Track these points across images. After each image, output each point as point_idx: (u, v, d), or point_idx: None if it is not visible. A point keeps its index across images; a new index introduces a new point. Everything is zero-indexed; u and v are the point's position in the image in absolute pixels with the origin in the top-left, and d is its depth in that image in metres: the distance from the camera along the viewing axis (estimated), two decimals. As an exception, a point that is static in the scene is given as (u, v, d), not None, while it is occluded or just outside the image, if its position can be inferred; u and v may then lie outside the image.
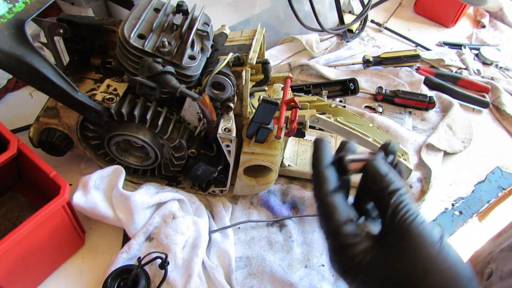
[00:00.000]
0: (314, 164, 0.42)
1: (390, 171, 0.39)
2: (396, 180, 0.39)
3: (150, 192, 0.66)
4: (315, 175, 0.41)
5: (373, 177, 0.39)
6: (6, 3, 0.47)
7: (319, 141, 0.43)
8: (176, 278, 0.60)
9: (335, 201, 0.39)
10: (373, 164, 0.40)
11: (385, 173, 0.39)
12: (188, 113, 0.62)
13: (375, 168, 0.40)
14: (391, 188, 0.38)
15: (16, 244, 0.49)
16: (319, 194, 0.40)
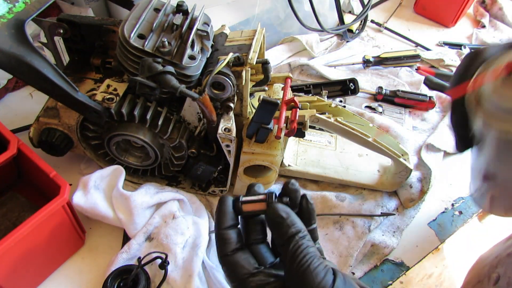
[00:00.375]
0: (215, 225, 0.43)
1: (289, 214, 0.40)
2: (295, 223, 0.40)
3: (150, 192, 0.66)
4: (216, 237, 0.43)
5: (273, 221, 0.41)
6: (6, 3, 0.47)
7: (221, 200, 0.44)
8: (176, 278, 0.60)
9: (235, 260, 0.41)
10: (272, 207, 0.41)
11: (285, 216, 0.40)
12: (188, 113, 0.62)
13: (274, 212, 0.41)
14: (289, 233, 0.39)
15: (16, 244, 0.49)
16: (220, 255, 0.42)
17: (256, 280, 0.40)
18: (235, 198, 0.43)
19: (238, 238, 0.42)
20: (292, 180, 0.44)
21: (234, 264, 0.41)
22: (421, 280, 0.66)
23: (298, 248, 0.38)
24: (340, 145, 0.81)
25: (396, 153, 0.69)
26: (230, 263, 0.41)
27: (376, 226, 0.71)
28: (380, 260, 0.69)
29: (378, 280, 0.67)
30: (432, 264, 0.67)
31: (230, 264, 0.41)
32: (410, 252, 0.70)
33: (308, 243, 0.39)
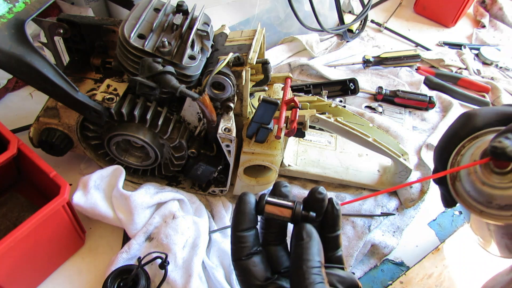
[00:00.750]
0: (232, 226, 0.41)
1: (311, 239, 0.38)
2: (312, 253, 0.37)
3: (150, 192, 0.66)
4: (232, 238, 0.41)
5: (296, 243, 0.38)
6: (6, 3, 0.47)
7: (241, 199, 0.40)
8: (176, 278, 0.60)
9: (249, 266, 0.39)
10: (298, 227, 0.39)
11: (305, 241, 0.38)
12: (188, 113, 0.62)
13: (298, 231, 0.39)
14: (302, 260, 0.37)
15: (16, 244, 0.49)
16: (234, 257, 0.40)
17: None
18: (260, 196, 0.40)
19: (254, 242, 0.40)
20: (320, 188, 0.41)
21: (247, 271, 0.39)
22: (421, 280, 0.66)
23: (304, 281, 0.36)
24: (340, 145, 0.81)
25: (396, 153, 0.69)
26: (243, 269, 0.39)
27: (376, 226, 0.71)
28: (380, 260, 0.69)
29: (378, 280, 0.67)
30: (432, 264, 0.67)
31: (243, 269, 0.39)
32: (410, 252, 0.70)
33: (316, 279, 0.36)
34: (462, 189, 0.38)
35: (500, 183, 0.35)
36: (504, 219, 0.36)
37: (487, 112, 0.38)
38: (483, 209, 0.37)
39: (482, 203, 0.37)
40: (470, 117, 0.39)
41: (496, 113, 0.38)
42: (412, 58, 1.04)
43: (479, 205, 0.37)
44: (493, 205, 0.36)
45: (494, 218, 0.36)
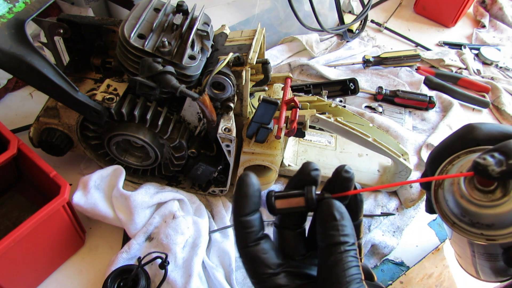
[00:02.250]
0: (234, 211, 0.36)
1: (343, 217, 0.34)
2: (345, 231, 0.34)
3: (150, 192, 0.66)
4: (234, 225, 0.37)
5: (324, 218, 0.35)
6: (6, 3, 0.47)
7: (241, 180, 0.36)
8: (176, 278, 0.60)
9: (257, 254, 0.35)
10: (326, 202, 0.35)
11: (338, 218, 0.34)
12: (188, 113, 0.62)
13: (328, 208, 0.35)
14: (335, 240, 0.33)
15: (16, 244, 0.49)
16: (240, 246, 0.36)
17: (278, 281, 0.35)
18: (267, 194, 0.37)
19: (260, 226, 0.36)
20: (346, 166, 0.36)
21: (255, 259, 0.35)
22: (421, 280, 0.66)
23: (340, 262, 0.33)
24: (340, 145, 0.81)
25: (396, 153, 0.69)
26: (251, 257, 0.35)
27: (376, 226, 0.71)
28: (380, 260, 0.69)
29: (378, 280, 0.67)
30: (432, 264, 0.67)
31: (251, 258, 0.35)
32: (410, 252, 0.70)
33: (352, 260, 0.33)
34: (442, 197, 0.38)
35: (478, 201, 0.35)
36: (471, 235, 0.36)
37: (491, 129, 0.38)
38: (456, 221, 0.37)
39: (456, 215, 0.37)
40: (473, 129, 0.39)
41: (499, 131, 0.37)
42: (412, 58, 1.04)
43: (452, 216, 0.37)
44: (465, 220, 0.36)
45: (463, 232, 0.37)
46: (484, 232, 0.36)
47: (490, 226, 0.35)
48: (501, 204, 0.34)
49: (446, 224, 0.38)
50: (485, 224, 0.35)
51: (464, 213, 0.36)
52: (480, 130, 0.38)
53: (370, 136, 0.66)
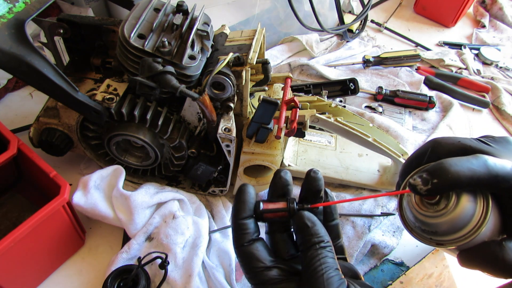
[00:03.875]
0: (232, 214, 0.43)
1: (314, 224, 0.41)
2: (318, 233, 0.40)
3: (150, 192, 0.66)
4: (232, 226, 0.43)
5: (297, 227, 0.41)
6: (6, 3, 0.47)
7: (240, 190, 0.44)
8: (176, 278, 0.60)
9: (252, 251, 0.41)
10: (298, 215, 0.42)
11: (309, 225, 0.41)
12: (188, 113, 0.62)
13: (299, 219, 0.41)
14: (311, 241, 0.40)
15: (16, 244, 0.49)
16: (236, 244, 0.42)
17: (270, 274, 0.40)
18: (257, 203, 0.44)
19: (255, 228, 0.42)
20: (314, 169, 0.44)
21: (250, 256, 0.41)
22: (421, 280, 0.66)
23: (317, 256, 0.39)
24: (340, 145, 0.81)
25: (396, 153, 0.69)
26: (246, 254, 0.41)
27: (376, 226, 0.71)
28: (380, 260, 0.69)
29: (378, 280, 0.67)
30: (432, 264, 0.67)
31: (246, 255, 0.41)
32: (410, 252, 0.70)
33: (327, 254, 0.39)
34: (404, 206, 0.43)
35: (424, 211, 0.40)
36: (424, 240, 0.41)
37: (451, 143, 0.41)
38: (413, 227, 0.42)
39: (412, 222, 0.42)
40: (435, 145, 0.42)
41: (456, 145, 0.41)
42: (412, 58, 1.04)
43: (410, 223, 0.42)
44: (417, 226, 0.41)
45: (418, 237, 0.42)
46: (433, 238, 0.41)
47: (435, 233, 0.40)
48: (442, 214, 0.39)
49: (406, 230, 0.43)
50: (430, 231, 0.40)
51: (416, 221, 0.41)
52: (441, 145, 0.42)
53: (370, 136, 0.66)
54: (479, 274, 0.51)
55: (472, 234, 0.38)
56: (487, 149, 0.39)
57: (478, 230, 0.38)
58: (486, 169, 0.36)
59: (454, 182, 0.36)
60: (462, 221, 0.39)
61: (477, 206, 0.39)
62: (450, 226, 0.39)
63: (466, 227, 0.39)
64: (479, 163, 0.37)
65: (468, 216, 0.39)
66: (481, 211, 0.39)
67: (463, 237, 0.39)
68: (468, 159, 0.37)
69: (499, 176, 0.36)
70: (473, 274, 0.58)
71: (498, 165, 0.37)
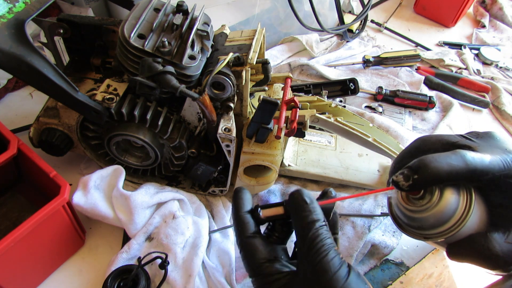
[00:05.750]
0: (234, 210, 0.44)
1: (312, 201, 0.41)
2: (316, 211, 0.41)
3: (150, 192, 0.66)
4: (235, 221, 0.44)
5: (296, 205, 0.41)
6: (6, 3, 0.47)
7: (239, 189, 0.46)
8: (176, 278, 0.60)
9: (255, 244, 0.42)
10: (297, 191, 0.42)
11: (308, 201, 0.41)
12: (188, 113, 0.62)
13: (298, 195, 0.42)
14: (310, 218, 0.40)
15: (16, 244, 0.49)
16: (239, 237, 0.43)
17: (272, 266, 0.40)
18: (254, 207, 0.45)
19: (256, 223, 0.43)
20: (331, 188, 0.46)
21: (254, 248, 0.41)
22: (421, 280, 0.66)
23: (318, 236, 0.39)
24: (340, 145, 0.81)
25: (396, 153, 0.69)
26: (250, 246, 0.41)
27: (376, 226, 0.71)
28: (380, 260, 0.69)
29: (378, 280, 0.67)
30: (432, 264, 0.67)
31: (249, 246, 0.41)
32: (410, 252, 0.70)
33: (327, 234, 0.39)
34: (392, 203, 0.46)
35: (410, 207, 0.42)
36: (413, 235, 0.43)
37: (433, 141, 0.43)
38: (402, 223, 0.44)
39: (401, 219, 0.44)
40: (419, 143, 0.44)
41: (439, 142, 0.42)
42: (412, 58, 1.04)
43: (399, 220, 0.44)
44: (405, 222, 0.43)
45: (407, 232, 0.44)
46: (420, 232, 0.42)
47: (422, 227, 0.42)
48: (426, 209, 0.41)
49: (396, 226, 0.45)
50: (418, 226, 0.42)
51: (404, 217, 0.43)
52: (425, 143, 0.44)
53: (370, 136, 0.66)
54: (479, 274, 0.52)
55: (457, 226, 0.40)
56: (469, 144, 0.41)
57: (463, 222, 0.40)
58: (465, 164, 0.38)
59: (433, 177, 0.37)
60: (446, 215, 0.40)
61: (460, 200, 0.40)
62: (435, 220, 0.41)
63: (450, 220, 0.40)
64: (457, 158, 0.38)
65: (452, 209, 0.40)
66: (464, 204, 0.40)
67: (449, 230, 0.41)
68: (447, 154, 0.38)
69: (477, 169, 0.38)
70: (473, 274, 0.59)
71: (477, 159, 0.38)
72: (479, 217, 0.41)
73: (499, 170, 0.39)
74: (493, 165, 0.39)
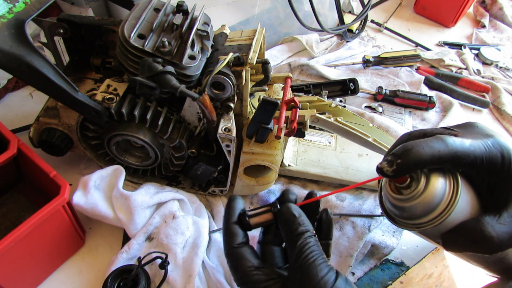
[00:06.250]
0: (224, 219, 0.46)
1: (300, 214, 0.43)
2: (305, 223, 0.42)
3: (150, 192, 0.66)
4: (223, 231, 0.45)
5: (285, 219, 0.43)
6: (6, 3, 0.47)
7: (232, 198, 0.47)
8: (176, 278, 0.60)
9: (241, 253, 0.43)
10: (285, 206, 0.44)
11: (296, 215, 0.43)
12: (188, 113, 0.62)
13: (287, 210, 0.43)
14: (299, 230, 0.41)
15: (16, 244, 0.49)
16: (226, 247, 0.44)
17: (259, 273, 0.41)
18: (241, 213, 0.46)
19: (244, 234, 0.44)
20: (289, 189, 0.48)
21: (240, 257, 0.42)
22: (421, 280, 0.66)
23: (306, 244, 0.40)
24: (340, 145, 0.81)
25: (396, 153, 0.69)
26: (236, 256, 0.43)
27: (376, 226, 0.71)
28: (380, 260, 0.69)
29: (378, 280, 0.67)
30: (432, 264, 0.67)
31: (236, 256, 0.43)
32: (410, 252, 0.70)
33: (315, 243, 0.41)
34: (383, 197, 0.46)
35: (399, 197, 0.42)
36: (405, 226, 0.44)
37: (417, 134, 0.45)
38: (393, 216, 0.45)
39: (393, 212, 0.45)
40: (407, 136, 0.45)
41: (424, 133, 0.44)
42: (412, 58, 1.04)
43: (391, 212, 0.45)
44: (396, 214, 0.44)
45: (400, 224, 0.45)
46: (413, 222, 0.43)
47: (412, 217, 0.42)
48: (413, 196, 0.41)
49: (388, 220, 0.46)
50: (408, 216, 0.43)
51: (394, 209, 0.44)
52: (409, 136, 0.45)
53: (370, 136, 0.66)
54: (479, 274, 0.52)
55: (447, 212, 0.40)
56: (449, 132, 0.43)
57: (451, 208, 0.40)
58: (446, 146, 0.39)
59: (416, 160, 0.38)
60: (434, 201, 0.41)
61: (446, 185, 0.41)
62: (424, 207, 0.41)
63: (439, 206, 0.41)
64: (438, 142, 0.39)
65: (439, 195, 0.41)
66: (451, 189, 0.41)
67: (439, 216, 0.41)
68: (429, 139, 0.40)
69: (458, 151, 0.39)
70: (473, 274, 0.59)
71: (457, 142, 0.40)
72: (468, 202, 0.42)
73: (480, 152, 0.40)
74: (474, 147, 0.40)
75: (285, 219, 0.43)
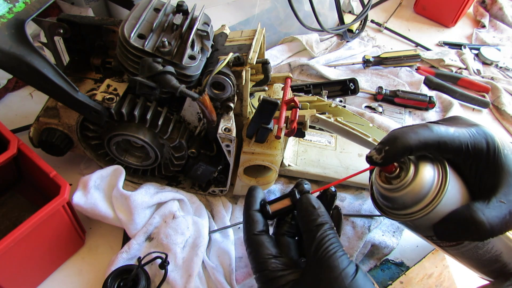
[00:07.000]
0: (244, 208, 0.47)
1: (320, 206, 0.44)
2: (324, 215, 0.43)
3: (150, 192, 0.66)
4: (244, 218, 0.46)
5: (304, 210, 0.43)
6: (6, 3, 0.47)
7: (252, 187, 0.49)
8: (176, 278, 0.60)
9: (261, 240, 0.43)
10: (305, 197, 0.44)
11: (316, 206, 0.44)
12: (188, 113, 0.62)
13: (307, 201, 0.44)
14: (319, 221, 0.42)
15: (16, 244, 0.49)
16: (246, 234, 0.45)
17: (277, 262, 0.42)
18: (262, 203, 0.46)
19: (265, 222, 0.45)
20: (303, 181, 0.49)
21: (260, 244, 0.43)
22: (421, 280, 0.66)
23: (326, 236, 0.40)
24: (340, 145, 0.81)
25: (396, 153, 0.69)
26: (256, 242, 0.43)
27: (376, 226, 0.71)
28: (380, 260, 0.69)
29: (378, 280, 0.67)
30: (432, 264, 0.67)
31: (256, 243, 0.43)
32: (410, 252, 0.70)
33: (334, 235, 0.41)
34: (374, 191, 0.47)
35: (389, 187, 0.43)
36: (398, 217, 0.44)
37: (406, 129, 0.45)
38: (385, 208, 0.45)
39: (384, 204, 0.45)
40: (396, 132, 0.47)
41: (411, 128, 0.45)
42: (412, 58, 1.04)
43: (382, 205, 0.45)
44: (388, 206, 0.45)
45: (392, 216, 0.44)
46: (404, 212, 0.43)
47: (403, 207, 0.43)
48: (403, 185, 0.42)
49: (380, 213, 0.46)
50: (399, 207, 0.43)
51: (385, 201, 0.44)
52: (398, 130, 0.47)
53: (370, 136, 0.66)
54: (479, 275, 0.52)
55: (437, 200, 0.41)
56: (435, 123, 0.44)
57: (441, 195, 0.41)
58: (431, 132, 0.41)
59: (403, 146, 0.40)
60: (423, 189, 0.41)
61: (435, 173, 0.42)
62: (414, 195, 0.42)
63: (429, 194, 0.41)
64: (424, 128, 0.41)
65: (428, 183, 0.41)
66: (440, 177, 0.42)
67: (429, 204, 0.41)
68: (415, 125, 0.42)
69: (443, 137, 0.41)
70: (473, 274, 0.59)
71: (442, 128, 0.41)
72: (458, 191, 0.42)
73: (465, 138, 0.41)
74: (458, 133, 0.41)
75: (304, 209, 0.43)
